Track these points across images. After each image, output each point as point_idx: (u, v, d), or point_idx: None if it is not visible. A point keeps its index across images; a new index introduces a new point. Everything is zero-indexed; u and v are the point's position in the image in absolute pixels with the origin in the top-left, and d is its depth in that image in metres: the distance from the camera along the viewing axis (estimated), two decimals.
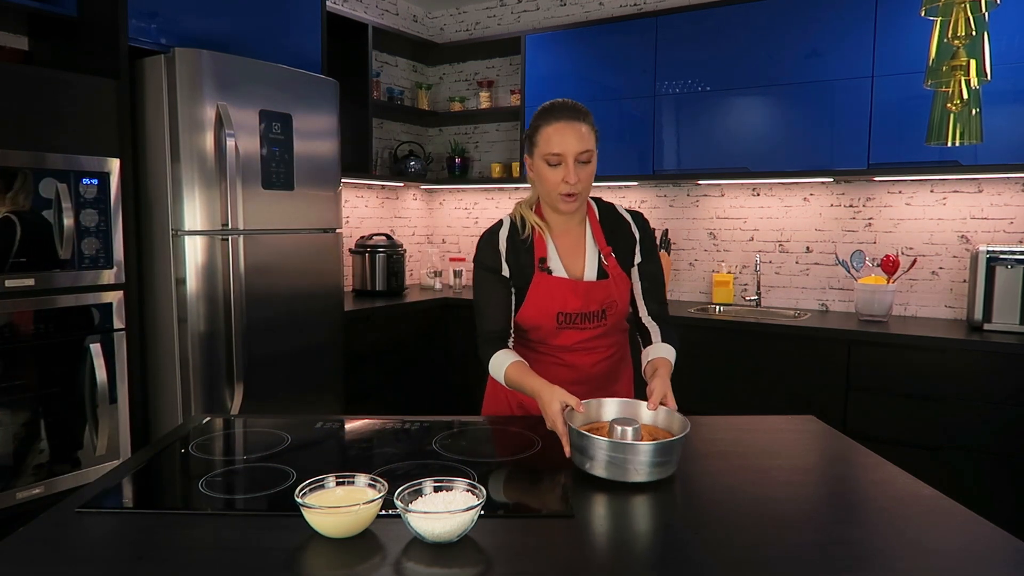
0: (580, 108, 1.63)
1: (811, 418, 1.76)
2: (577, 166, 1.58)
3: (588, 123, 1.61)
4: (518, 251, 1.69)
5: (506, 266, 1.69)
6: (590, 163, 1.61)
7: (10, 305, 2.19)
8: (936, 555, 1.04)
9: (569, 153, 1.57)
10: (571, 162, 1.58)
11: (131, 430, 2.54)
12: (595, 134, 1.63)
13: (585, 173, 1.60)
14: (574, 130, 1.58)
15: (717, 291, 3.70)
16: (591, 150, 1.60)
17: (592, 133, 1.62)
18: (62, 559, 1.03)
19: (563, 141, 1.57)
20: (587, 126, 1.60)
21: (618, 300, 1.70)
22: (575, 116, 1.59)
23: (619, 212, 1.78)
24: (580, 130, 1.58)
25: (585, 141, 1.58)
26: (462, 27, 4.54)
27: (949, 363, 2.71)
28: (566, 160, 1.58)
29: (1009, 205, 3.09)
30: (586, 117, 1.61)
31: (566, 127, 1.58)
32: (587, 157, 1.60)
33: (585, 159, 1.59)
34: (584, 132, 1.59)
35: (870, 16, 3.01)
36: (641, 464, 1.25)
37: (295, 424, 1.70)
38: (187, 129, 2.50)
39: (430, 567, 0.99)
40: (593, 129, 1.62)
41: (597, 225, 1.73)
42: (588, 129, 1.60)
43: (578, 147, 1.57)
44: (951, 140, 1.68)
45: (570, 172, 1.57)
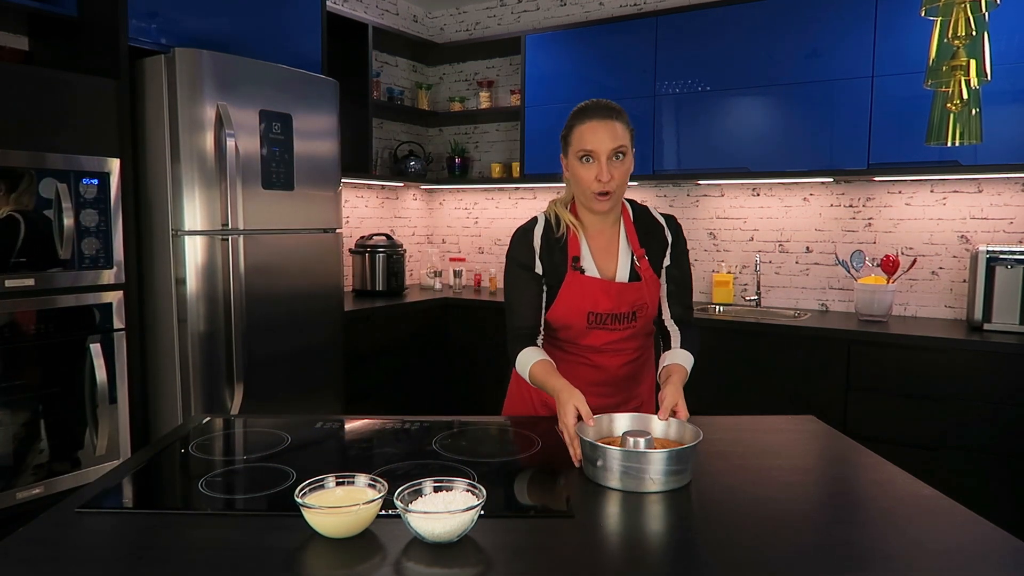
0: (614, 107, 1.63)
1: (811, 418, 1.76)
2: (610, 164, 1.58)
3: (622, 121, 1.61)
4: (552, 249, 1.69)
5: (540, 263, 1.69)
6: (624, 161, 1.61)
7: (10, 305, 2.19)
8: (936, 555, 1.04)
9: (602, 150, 1.58)
10: (604, 159, 1.58)
11: (131, 430, 2.54)
12: (631, 133, 1.63)
13: (619, 171, 1.60)
14: (607, 127, 1.58)
15: (717, 291, 3.70)
16: (625, 146, 1.60)
17: (627, 131, 1.61)
18: (62, 559, 1.03)
19: (595, 138, 1.58)
20: (621, 124, 1.60)
21: (649, 303, 1.70)
22: (608, 115, 1.60)
23: (653, 215, 1.77)
24: (614, 127, 1.58)
25: (618, 138, 1.58)
26: (462, 27, 4.54)
27: (949, 363, 2.71)
28: (599, 157, 1.58)
29: (1009, 205, 3.09)
30: (620, 115, 1.61)
31: (599, 125, 1.58)
32: (621, 153, 1.59)
33: (620, 154, 1.59)
34: (618, 129, 1.59)
35: (870, 16, 3.01)
36: (656, 473, 1.24)
37: (295, 424, 1.70)
38: (187, 129, 2.50)
39: (430, 567, 0.99)
40: (628, 128, 1.62)
41: (631, 226, 1.72)
42: (623, 127, 1.60)
43: (611, 144, 1.58)
44: (951, 140, 1.68)
45: (603, 170, 1.58)
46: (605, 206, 1.63)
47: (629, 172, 1.64)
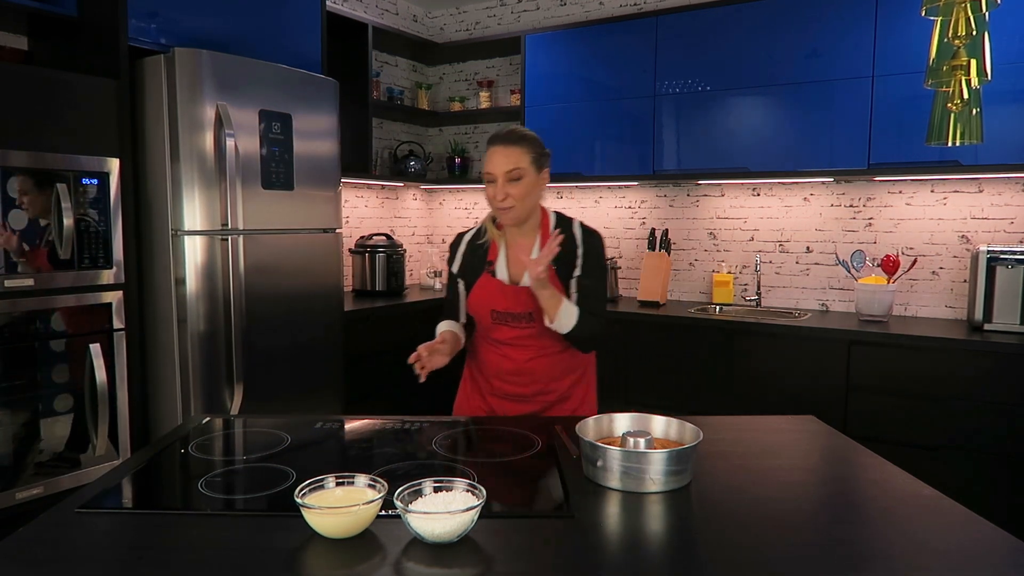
0: (517, 134, 1.81)
1: (811, 418, 1.77)
2: (506, 184, 1.78)
3: (524, 146, 1.79)
4: (475, 253, 1.95)
5: (457, 264, 1.97)
6: (521, 182, 1.78)
7: (10, 305, 2.19)
8: (936, 555, 1.04)
9: (498, 173, 1.78)
10: (500, 181, 1.78)
11: (131, 430, 2.54)
12: (533, 156, 1.80)
13: (515, 190, 1.78)
14: (505, 152, 1.78)
15: (717, 291, 3.70)
16: (521, 168, 1.78)
17: (527, 155, 1.79)
18: (62, 559, 1.03)
19: (493, 162, 1.79)
20: (521, 149, 1.79)
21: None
22: (508, 141, 1.79)
23: (572, 229, 1.91)
24: (511, 152, 1.78)
25: (513, 161, 1.77)
26: (462, 27, 4.54)
27: (949, 363, 2.71)
28: (496, 179, 1.78)
29: (1009, 205, 3.09)
30: (521, 141, 1.79)
31: (499, 150, 1.79)
32: (516, 175, 1.77)
33: (515, 176, 1.77)
34: (515, 154, 1.78)
35: (870, 16, 3.01)
36: (656, 473, 1.24)
37: (295, 424, 1.70)
38: (187, 129, 2.50)
39: (430, 567, 0.99)
40: (531, 152, 1.79)
41: (546, 239, 1.88)
42: (522, 152, 1.78)
43: (505, 167, 1.77)
44: (951, 140, 1.68)
45: (498, 189, 1.78)
46: (507, 219, 1.84)
47: (530, 191, 1.81)
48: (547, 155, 1.86)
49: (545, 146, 1.87)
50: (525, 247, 1.89)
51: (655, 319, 3.32)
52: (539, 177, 1.83)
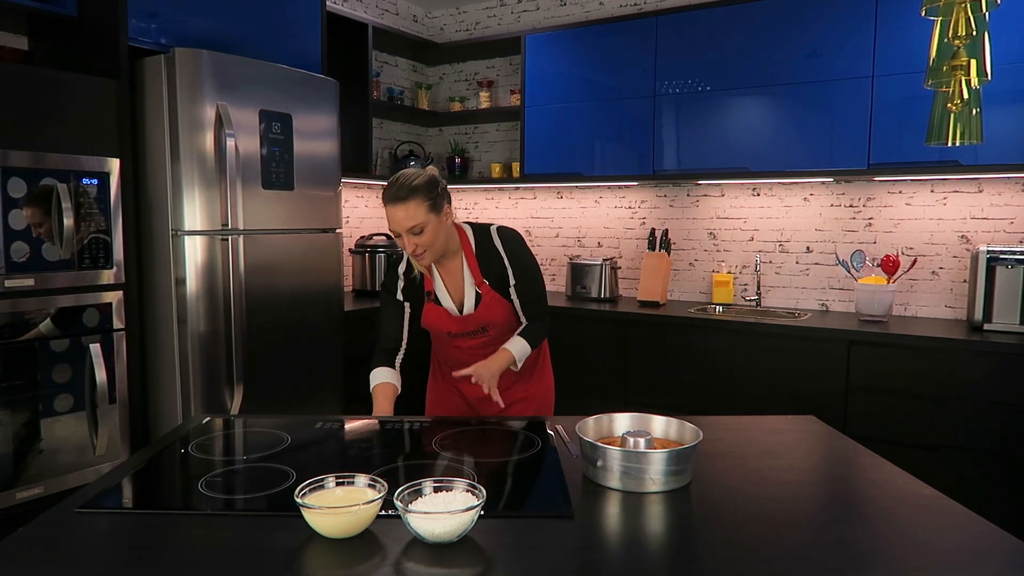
0: (406, 188, 1.81)
1: (811, 418, 1.77)
2: (412, 237, 1.82)
3: (417, 198, 1.80)
4: (412, 282, 2.01)
5: (400, 293, 2.02)
6: (425, 233, 1.83)
7: (10, 305, 2.19)
8: (936, 555, 1.04)
9: (400, 230, 1.82)
10: (405, 236, 1.83)
11: (131, 430, 2.54)
12: (430, 202, 1.81)
13: (423, 239, 1.83)
14: (399, 211, 1.81)
15: (717, 291, 3.70)
16: (420, 223, 1.81)
17: (420, 205, 1.80)
18: (62, 559, 1.03)
19: (393, 221, 1.83)
20: (415, 202, 1.80)
21: (495, 320, 1.99)
22: (398, 199, 1.81)
23: (493, 241, 1.98)
24: (405, 210, 1.80)
25: (410, 217, 1.80)
26: (462, 27, 4.54)
27: (949, 363, 2.71)
28: (401, 234, 1.83)
29: (1009, 205, 3.09)
30: (413, 193, 1.80)
31: (393, 209, 1.82)
32: (418, 229, 1.81)
33: (417, 231, 1.82)
34: (410, 210, 1.80)
35: (870, 16, 3.01)
36: (656, 473, 1.24)
37: (295, 424, 1.70)
38: (187, 129, 2.50)
39: (430, 567, 0.99)
40: (425, 200, 1.81)
41: (473, 259, 1.97)
42: (416, 204, 1.80)
43: (405, 225, 1.81)
44: (951, 140, 1.68)
45: (406, 243, 1.83)
46: (423, 262, 1.90)
47: (436, 234, 1.85)
48: (443, 193, 1.87)
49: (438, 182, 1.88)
50: (455, 269, 1.99)
51: (655, 319, 3.32)
52: (441, 218, 1.87)
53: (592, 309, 3.51)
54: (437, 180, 1.88)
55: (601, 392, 3.45)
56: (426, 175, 1.86)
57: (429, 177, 1.86)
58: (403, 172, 1.87)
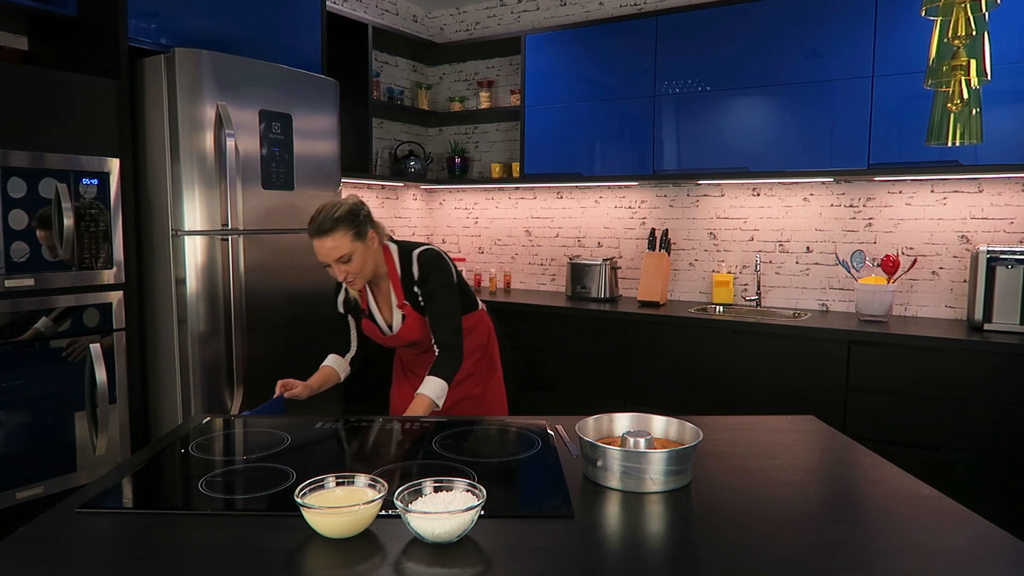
0: (328, 220, 1.88)
1: (811, 418, 1.77)
2: (340, 266, 1.91)
3: (338, 230, 1.88)
4: (350, 301, 2.16)
5: (341, 307, 2.18)
6: (352, 261, 1.91)
7: (10, 305, 2.19)
8: (936, 555, 1.04)
9: (327, 261, 1.92)
10: (334, 265, 1.91)
11: (131, 430, 2.54)
12: (350, 232, 1.89)
13: (351, 267, 1.92)
14: (322, 244, 1.89)
15: (717, 291, 3.70)
16: (345, 253, 1.90)
17: (344, 235, 1.88)
18: (62, 559, 1.03)
19: (319, 254, 1.92)
20: (337, 234, 1.88)
21: (419, 339, 2.11)
22: (321, 232, 1.88)
23: (411, 264, 2.05)
24: (328, 243, 1.88)
25: (335, 248, 1.88)
26: (462, 27, 4.54)
27: (949, 363, 2.71)
28: (330, 264, 1.92)
29: (1009, 205, 3.09)
30: (333, 227, 1.88)
31: (317, 243, 1.90)
32: (346, 259, 1.90)
33: (344, 260, 1.90)
34: (333, 241, 1.88)
35: (870, 16, 3.01)
36: (656, 473, 1.24)
37: (295, 424, 1.70)
38: (187, 129, 2.50)
39: (430, 567, 0.99)
40: (348, 231, 1.89)
41: (397, 282, 2.07)
42: (339, 235, 1.88)
43: (331, 256, 1.90)
44: (951, 140, 1.68)
45: (336, 272, 1.93)
46: (356, 287, 2.00)
47: (364, 261, 1.94)
48: (365, 220, 1.94)
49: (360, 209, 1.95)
50: (384, 290, 2.10)
51: (655, 319, 3.32)
52: (367, 243, 1.94)
53: (592, 309, 3.51)
54: (359, 208, 1.95)
55: (601, 392, 3.45)
56: (347, 205, 1.93)
57: (351, 206, 1.94)
58: (324, 205, 1.94)
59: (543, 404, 3.59)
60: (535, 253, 4.36)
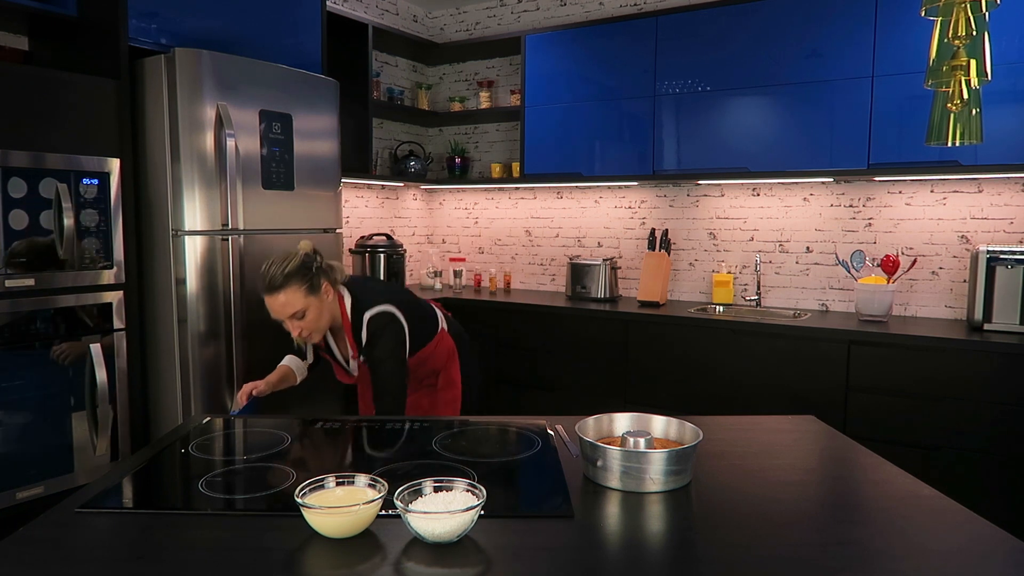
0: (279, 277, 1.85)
1: (811, 418, 1.77)
2: (294, 322, 1.89)
3: (289, 286, 1.86)
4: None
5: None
6: (305, 317, 1.89)
7: (10, 305, 2.19)
8: (936, 555, 1.04)
9: (280, 318, 1.89)
10: (288, 322, 1.89)
11: (131, 430, 2.54)
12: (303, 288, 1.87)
13: (305, 323, 1.90)
14: (274, 302, 1.87)
15: (717, 291, 3.70)
16: (299, 309, 1.87)
17: (296, 291, 1.86)
18: (62, 559, 1.03)
19: (272, 310, 1.89)
20: (288, 290, 1.85)
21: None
22: (272, 289, 1.86)
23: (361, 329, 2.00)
24: (280, 298, 1.86)
25: (288, 305, 1.86)
26: (462, 27, 4.54)
27: (949, 363, 2.71)
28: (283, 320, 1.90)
29: (1009, 205, 3.09)
30: (285, 283, 1.85)
31: (269, 300, 1.88)
32: (299, 315, 1.88)
33: (298, 316, 1.88)
34: (284, 297, 1.86)
35: (870, 16, 3.01)
36: (656, 473, 1.24)
37: (295, 424, 1.70)
38: (187, 129, 2.50)
39: (430, 567, 0.99)
40: (298, 286, 1.86)
41: (350, 333, 2.03)
42: (291, 291, 1.86)
43: (285, 313, 1.88)
44: (951, 140, 1.68)
45: (289, 328, 1.91)
46: (313, 341, 2.00)
47: (318, 316, 1.92)
48: (318, 272, 1.91)
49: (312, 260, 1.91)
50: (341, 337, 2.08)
51: (655, 319, 3.32)
52: (321, 297, 1.91)
53: (592, 309, 3.51)
54: (311, 259, 1.91)
55: (601, 392, 3.45)
56: (299, 257, 1.89)
57: (302, 259, 1.89)
58: (274, 258, 1.89)
59: (543, 404, 3.59)
60: (535, 253, 4.36)
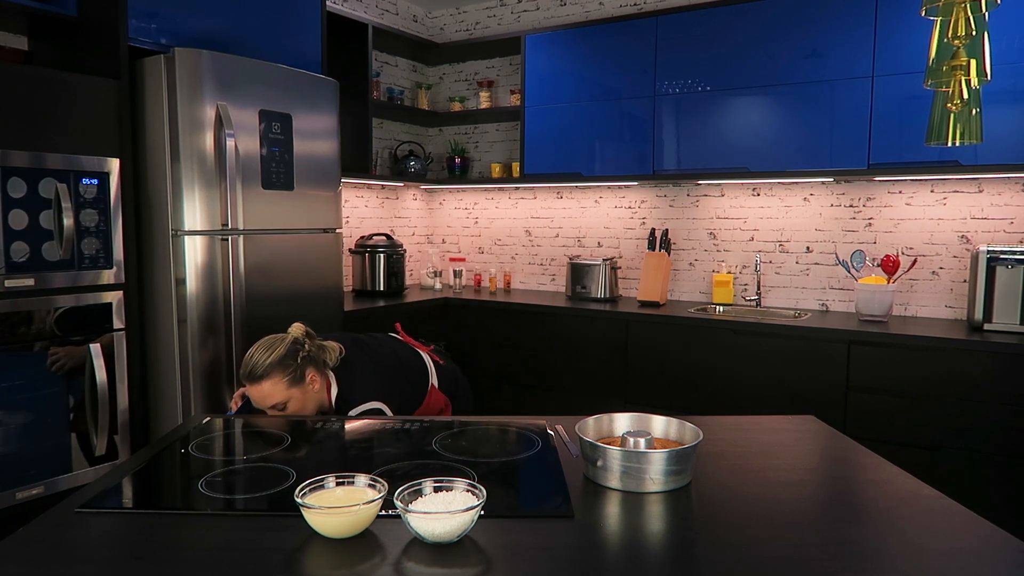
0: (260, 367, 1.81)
1: (811, 418, 1.77)
2: (277, 411, 1.84)
3: (272, 377, 1.81)
4: None
5: None
6: (290, 404, 1.84)
7: (10, 305, 2.19)
8: (936, 555, 1.04)
9: (265, 407, 1.85)
10: (268, 411, 1.85)
11: (131, 430, 2.54)
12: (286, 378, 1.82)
13: (291, 408, 1.85)
14: (257, 391, 1.83)
15: (717, 291, 3.70)
16: (281, 400, 1.83)
17: (279, 382, 1.82)
18: (62, 559, 1.03)
19: (256, 400, 1.85)
20: (271, 381, 1.81)
21: None
22: (254, 379, 1.82)
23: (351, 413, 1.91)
24: (262, 389, 1.82)
25: (272, 396, 1.82)
26: (462, 27, 4.54)
27: (949, 363, 2.71)
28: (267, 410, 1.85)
29: (1009, 205, 3.09)
30: (267, 373, 1.81)
31: (252, 389, 1.84)
32: (281, 406, 1.83)
33: (280, 407, 1.84)
34: (267, 388, 1.81)
35: (870, 16, 3.01)
36: (656, 473, 1.24)
37: (295, 424, 1.70)
38: (187, 129, 2.50)
39: (430, 567, 0.99)
40: (281, 376, 1.82)
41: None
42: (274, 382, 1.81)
43: (267, 404, 1.84)
44: (951, 140, 1.68)
45: (275, 414, 1.84)
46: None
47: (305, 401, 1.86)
48: (304, 361, 1.85)
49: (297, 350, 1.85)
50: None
51: (655, 319, 3.32)
52: (306, 385, 1.86)
53: (592, 309, 3.51)
54: (297, 348, 1.85)
55: (601, 392, 3.45)
56: (284, 345, 1.84)
57: (288, 347, 1.84)
58: (259, 344, 1.86)
59: (543, 404, 3.59)
60: (535, 253, 4.36)
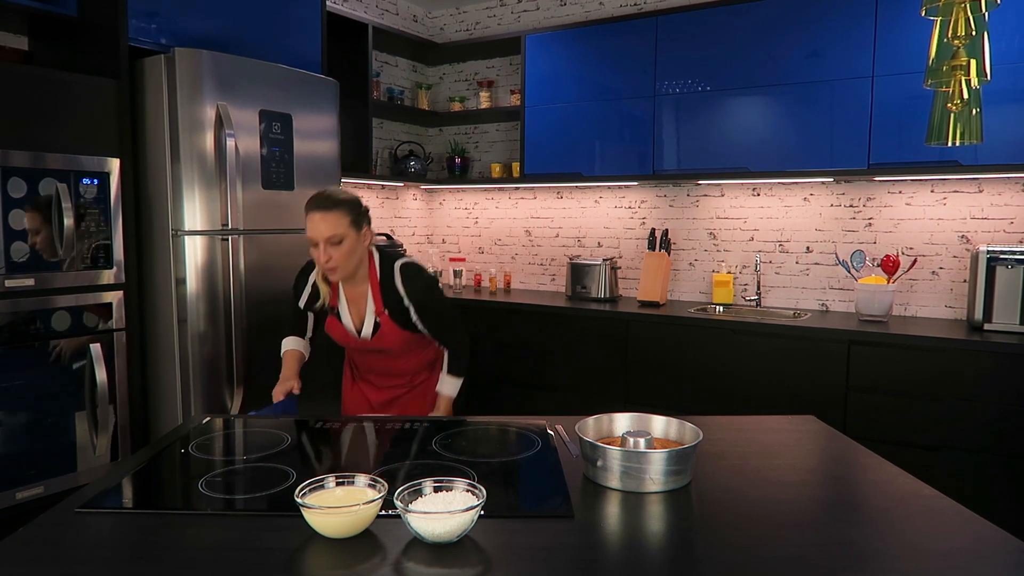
0: (332, 199, 1.91)
1: (811, 418, 1.77)
2: (329, 247, 1.89)
3: (341, 210, 1.90)
4: (318, 293, 2.10)
5: (304, 301, 2.16)
6: (343, 245, 1.91)
7: (10, 305, 2.19)
8: (936, 555, 1.04)
9: (319, 238, 1.89)
10: (322, 245, 1.89)
11: (131, 430, 2.54)
12: (351, 218, 1.92)
13: (338, 253, 1.91)
14: (323, 219, 1.88)
15: (717, 291, 3.70)
16: (340, 234, 1.89)
17: (345, 218, 1.90)
18: (62, 559, 1.03)
19: (314, 229, 1.89)
20: (338, 213, 1.89)
21: (392, 347, 2.09)
22: (325, 206, 1.89)
23: (394, 279, 2.03)
24: (327, 218, 1.88)
25: (331, 226, 1.88)
26: (462, 27, 4.54)
27: (949, 363, 2.71)
28: (318, 243, 1.90)
29: (1009, 205, 3.09)
30: (338, 206, 1.90)
31: (316, 216, 1.89)
32: (337, 240, 1.89)
33: (335, 241, 1.89)
34: (332, 219, 1.88)
35: (870, 16, 3.01)
36: (656, 473, 1.24)
37: (295, 424, 1.70)
38: (187, 129, 2.50)
39: (430, 567, 0.99)
40: (349, 214, 1.91)
41: (377, 289, 2.04)
42: (339, 216, 1.89)
43: (326, 234, 1.88)
44: (951, 140, 1.68)
45: (320, 253, 1.90)
46: (334, 277, 1.99)
47: (352, 251, 1.94)
48: (365, 213, 1.98)
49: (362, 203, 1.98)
50: (359, 296, 2.06)
51: (655, 319, 3.32)
52: (360, 236, 1.95)
53: (592, 309, 3.51)
54: (361, 202, 1.98)
55: (601, 392, 3.45)
56: (352, 194, 1.98)
57: (355, 196, 1.97)
58: (331, 187, 1.94)
59: (543, 404, 3.59)
60: (535, 253, 4.36)
